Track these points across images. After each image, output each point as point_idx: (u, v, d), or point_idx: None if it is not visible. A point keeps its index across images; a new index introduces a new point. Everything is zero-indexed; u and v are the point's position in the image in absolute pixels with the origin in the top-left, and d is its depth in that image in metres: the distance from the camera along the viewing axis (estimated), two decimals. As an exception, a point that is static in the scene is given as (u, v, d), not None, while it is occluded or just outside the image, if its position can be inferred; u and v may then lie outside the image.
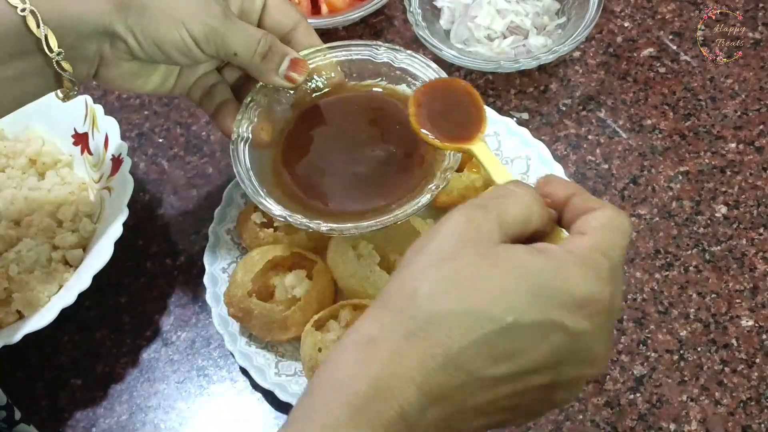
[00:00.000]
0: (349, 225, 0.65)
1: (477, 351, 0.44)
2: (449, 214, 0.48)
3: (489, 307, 0.44)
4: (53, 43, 0.61)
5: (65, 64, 0.63)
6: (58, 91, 0.66)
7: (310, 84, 0.72)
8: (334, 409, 0.43)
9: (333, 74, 0.72)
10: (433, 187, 0.66)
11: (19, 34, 0.61)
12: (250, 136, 0.70)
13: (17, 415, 0.69)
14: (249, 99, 0.70)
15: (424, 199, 0.65)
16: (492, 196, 0.49)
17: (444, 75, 0.70)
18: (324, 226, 0.65)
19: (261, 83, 0.70)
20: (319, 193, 0.69)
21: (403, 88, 0.72)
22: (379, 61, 0.72)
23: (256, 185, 0.67)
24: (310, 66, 0.70)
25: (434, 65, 0.70)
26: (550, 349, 0.45)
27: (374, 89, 0.73)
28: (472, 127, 0.63)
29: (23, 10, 0.60)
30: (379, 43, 0.72)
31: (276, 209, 0.66)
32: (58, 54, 0.62)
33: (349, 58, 0.73)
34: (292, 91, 0.72)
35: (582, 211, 0.49)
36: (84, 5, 0.62)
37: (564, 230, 0.50)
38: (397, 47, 0.72)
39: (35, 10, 0.61)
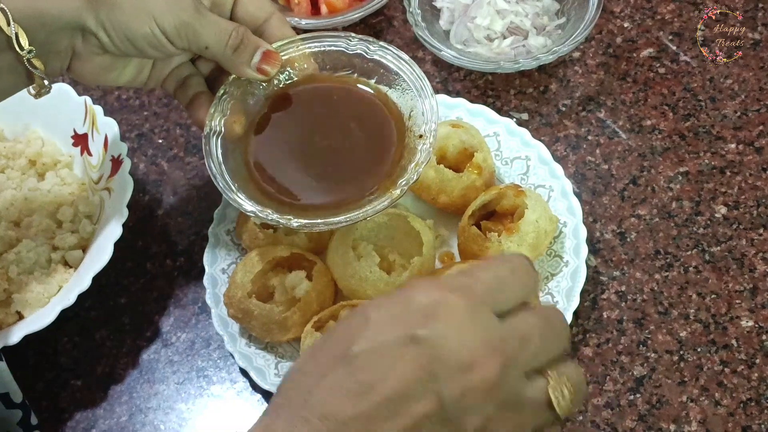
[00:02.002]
0: (319, 221, 0.65)
1: (332, 391, 0.43)
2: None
3: (342, 347, 0.44)
4: (24, 41, 0.61)
5: (36, 62, 0.63)
6: (31, 87, 0.66)
7: (283, 76, 0.72)
8: None
9: (306, 65, 0.72)
10: (404, 182, 0.66)
11: None
12: (223, 129, 0.70)
13: (34, 420, 0.68)
14: (222, 92, 0.70)
15: (395, 193, 0.65)
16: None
17: (415, 66, 0.70)
18: (295, 222, 0.65)
19: (234, 75, 0.70)
20: (290, 185, 0.69)
21: (375, 80, 0.72)
22: (351, 52, 0.72)
23: (228, 180, 0.68)
24: (283, 58, 0.71)
25: (406, 57, 0.71)
26: (410, 367, 0.43)
27: (346, 80, 0.73)
28: None
29: None
30: (352, 34, 0.73)
31: (247, 205, 0.66)
32: (29, 52, 0.62)
33: (322, 49, 0.73)
34: (265, 84, 0.72)
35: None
36: (55, 1, 0.62)
37: None
38: (370, 38, 0.72)
39: (5, 8, 0.60)
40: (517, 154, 0.82)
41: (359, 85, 0.72)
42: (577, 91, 0.90)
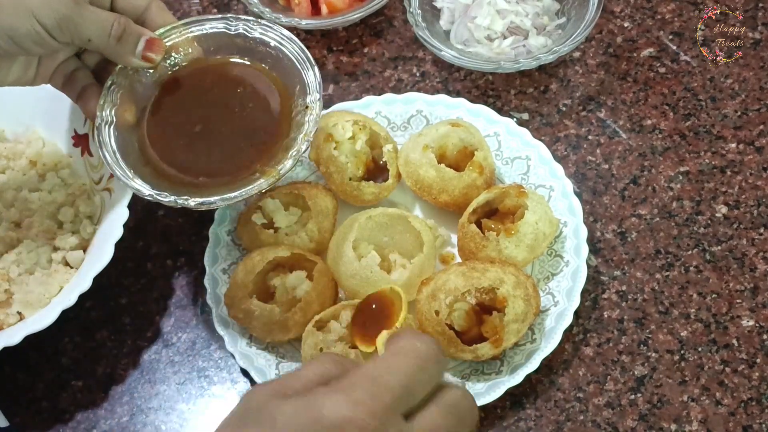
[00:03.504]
0: (215, 198, 0.68)
1: None
2: None
3: None
4: None
5: None
6: None
7: (169, 61, 0.74)
8: None
9: (191, 50, 0.74)
10: (294, 153, 0.69)
11: None
12: (115, 118, 0.71)
13: None
14: (110, 82, 0.72)
15: (288, 164, 0.68)
16: None
17: (296, 41, 0.73)
18: (192, 201, 0.68)
19: (120, 65, 0.72)
20: (185, 166, 0.71)
21: (258, 58, 0.74)
22: (233, 33, 0.74)
23: (124, 167, 0.70)
24: (167, 44, 0.73)
25: (287, 32, 0.73)
26: None
27: (231, 61, 0.75)
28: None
29: None
30: (232, 15, 0.75)
31: (145, 190, 0.68)
32: None
33: (204, 32, 0.75)
34: (151, 71, 0.73)
35: None
36: None
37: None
38: (251, 18, 0.74)
39: None
40: (517, 153, 0.82)
41: (244, 64, 0.74)
42: (578, 90, 0.90)
